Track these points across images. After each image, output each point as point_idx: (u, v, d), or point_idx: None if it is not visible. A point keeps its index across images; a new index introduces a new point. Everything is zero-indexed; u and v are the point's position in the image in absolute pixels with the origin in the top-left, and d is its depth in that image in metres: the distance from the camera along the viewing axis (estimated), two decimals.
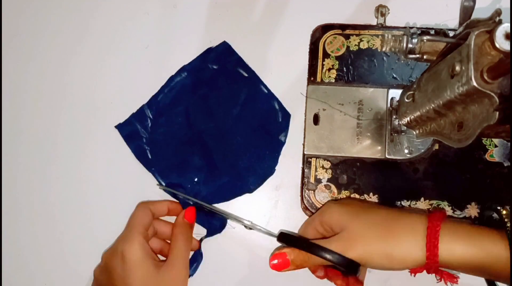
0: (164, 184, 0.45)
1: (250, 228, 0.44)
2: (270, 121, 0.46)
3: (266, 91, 0.47)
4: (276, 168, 0.46)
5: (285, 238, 0.40)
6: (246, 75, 0.47)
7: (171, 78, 0.47)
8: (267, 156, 0.45)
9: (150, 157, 0.46)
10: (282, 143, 0.46)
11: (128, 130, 0.46)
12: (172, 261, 0.39)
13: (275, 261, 0.37)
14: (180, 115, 0.46)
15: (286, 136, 0.46)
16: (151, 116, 0.46)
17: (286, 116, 0.46)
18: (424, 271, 0.36)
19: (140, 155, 0.46)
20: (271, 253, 0.43)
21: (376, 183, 0.43)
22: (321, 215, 0.40)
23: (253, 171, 0.45)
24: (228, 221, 0.45)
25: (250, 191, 0.45)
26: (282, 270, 0.37)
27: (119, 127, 0.47)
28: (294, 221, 0.45)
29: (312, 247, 0.36)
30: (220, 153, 0.46)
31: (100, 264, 0.42)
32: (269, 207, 0.45)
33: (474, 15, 0.30)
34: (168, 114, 0.46)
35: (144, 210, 0.41)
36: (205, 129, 0.46)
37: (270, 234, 0.42)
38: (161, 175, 0.45)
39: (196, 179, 0.45)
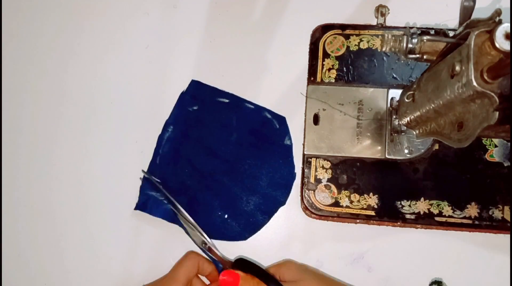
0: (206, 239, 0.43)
1: (208, 249, 0.42)
2: (269, 132, 0.46)
3: (252, 106, 0.46)
4: None
5: (241, 264, 0.40)
6: (227, 101, 0.47)
7: (161, 137, 0.46)
8: (282, 165, 0.45)
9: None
10: (290, 147, 0.46)
11: (149, 204, 0.45)
12: None
13: (225, 277, 0.37)
14: (185, 166, 0.46)
15: (290, 138, 0.46)
16: (158, 180, 0.45)
17: (282, 120, 0.46)
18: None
19: (173, 219, 0.44)
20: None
21: (376, 183, 0.43)
22: (277, 266, 0.41)
23: (276, 184, 0.45)
24: None
25: (283, 203, 0.45)
26: None
27: (139, 207, 0.45)
28: (293, 221, 0.45)
29: (267, 277, 0.37)
30: (238, 184, 0.45)
31: None
32: None
33: (474, 15, 0.30)
34: (174, 171, 0.46)
35: (194, 263, 0.41)
36: (214, 169, 0.46)
37: (225, 259, 0.42)
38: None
39: (226, 216, 0.45)
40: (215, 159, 0.46)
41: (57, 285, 0.46)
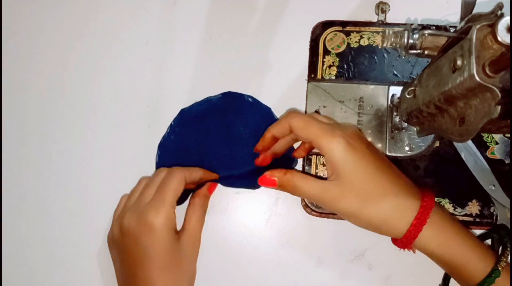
0: None
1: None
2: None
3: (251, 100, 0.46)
4: None
5: None
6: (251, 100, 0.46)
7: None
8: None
9: (157, 160, 0.46)
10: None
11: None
12: (189, 230, 0.40)
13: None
14: (199, 133, 0.46)
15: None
16: (172, 123, 0.46)
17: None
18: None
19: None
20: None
21: None
22: (286, 118, 0.38)
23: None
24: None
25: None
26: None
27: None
28: (294, 218, 0.44)
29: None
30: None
31: (120, 224, 0.39)
32: (270, 204, 0.45)
33: (476, 10, 0.29)
34: (188, 127, 0.46)
35: (181, 181, 0.39)
36: (218, 155, 0.45)
37: None
38: None
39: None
40: (225, 149, 0.45)
41: (56, 283, 0.46)
